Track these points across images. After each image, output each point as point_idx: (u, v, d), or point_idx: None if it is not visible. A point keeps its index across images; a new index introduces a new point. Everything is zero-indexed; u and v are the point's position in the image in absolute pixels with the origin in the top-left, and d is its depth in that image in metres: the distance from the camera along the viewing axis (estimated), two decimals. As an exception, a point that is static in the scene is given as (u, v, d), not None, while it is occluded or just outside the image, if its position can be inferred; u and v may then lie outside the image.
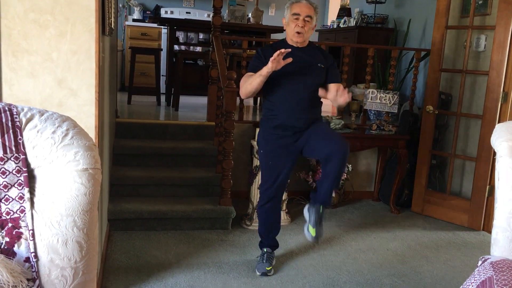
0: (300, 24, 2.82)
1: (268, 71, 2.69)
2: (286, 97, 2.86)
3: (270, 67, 2.67)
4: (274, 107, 2.91)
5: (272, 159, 2.93)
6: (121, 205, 3.55)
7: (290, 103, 2.85)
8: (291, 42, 2.91)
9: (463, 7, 4.31)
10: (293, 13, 2.84)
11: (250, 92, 2.85)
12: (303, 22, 2.82)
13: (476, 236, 3.89)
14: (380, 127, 4.36)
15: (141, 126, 4.31)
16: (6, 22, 2.15)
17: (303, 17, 2.82)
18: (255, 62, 2.90)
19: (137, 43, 6.87)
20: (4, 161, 1.44)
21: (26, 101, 2.20)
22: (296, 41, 2.87)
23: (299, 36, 2.84)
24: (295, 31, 2.83)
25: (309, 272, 3.07)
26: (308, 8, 2.84)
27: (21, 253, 1.45)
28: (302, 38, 2.86)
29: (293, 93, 2.85)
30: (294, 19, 2.83)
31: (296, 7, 2.84)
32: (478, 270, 1.71)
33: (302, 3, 2.86)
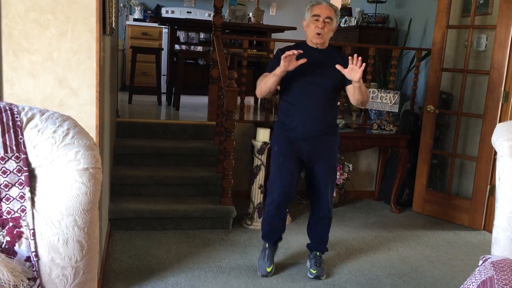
0: (320, 25, 2.81)
1: (281, 71, 2.70)
2: (302, 98, 2.85)
3: (283, 67, 2.68)
4: (288, 109, 2.90)
5: (282, 156, 2.91)
6: (122, 205, 3.55)
7: (306, 104, 2.84)
8: (311, 43, 2.90)
9: (464, 7, 4.31)
10: (313, 14, 2.83)
11: (265, 91, 2.86)
12: (323, 23, 2.81)
13: (476, 236, 3.89)
14: (381, 127, 4.36)
15: (142, 125, 4.31)
16: (7, 21, 2.15)
17: (323, 19, 2.81)
18: (272, 63, 2.90)
19: (138, 42, 6.87)
20: (5, 160, 1.45)
21: (27, 101, 2.21)
22: (316, 42, 2.86)
23: (319, 37, 2.83)
24: (315, 32, 2.83)
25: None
26: (328, 9, 2.83)
27: (22, 252, 1.46)
28: (322, 39, 2.85)
29: (309, 94, 2.84)
30: (314, 20, 2.83)
31: (317, 9, 2.84)
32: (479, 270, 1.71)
33: (322, 4, 2.86)
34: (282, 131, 2.94)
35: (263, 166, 3.76)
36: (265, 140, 3.75)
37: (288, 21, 7.05)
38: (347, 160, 4.45)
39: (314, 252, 3.08)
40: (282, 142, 2.93)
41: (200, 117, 4.79)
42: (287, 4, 8.13)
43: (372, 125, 4.40)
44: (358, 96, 2.82)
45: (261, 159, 3.77)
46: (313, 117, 2.85)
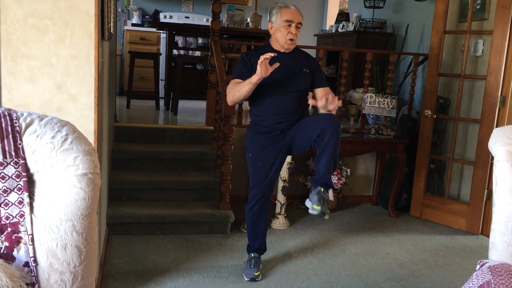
0: (293, 31, 2.82)
1: (258, 78, 2.64)
2: (272, 103, 2.86)
3: (260, 74, 2.62)
4: (261, 113, 2.91)
5: (260, 160, 2.94)
6: (120, 209, 3.55)
7: (277, 108, 2.86)
8: (279, 47, 2.91)
9: (461, 12, 4.33)
10: (285, 19, 2.83)
11: (238, 99, 2.84)
12: (296, 29, 2.83)
13: (474, 240, 3.89)
14: (379, 131, 4.37)
15: (140, 130, 4.32)
16: (6, 27, 2.16)
17: (295, 24, 2.83)
18: (240, 68, 2.87)
19: (136, 47, 6.88)
20: (4, 166, 1.45)
21: (26, 106, 2.21)
22: (287, 48, 2.88)
23: (291, 43, 2.85)
24: (288, 38, 2.83)
25: (307, 276, 3.07)
26: (298, 14, 2.86)
27: (21, 257, 1.46)
28: (294, 45, 2.88)
29: (279, 98, 2.86)
30: (286, 26, 2.83)
31: (288, 14, 2.83)
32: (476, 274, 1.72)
33: (291, 8, 2.86)
34: (255, 135, 2.95)
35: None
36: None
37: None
38: (345, 164, 4.46)
39: (318, 187, 2.74)
40: (256, 147, 2.95)
41: (198, 122, 4.79)
42: (285, 9, 8.14)
43: (370, 130, 4.41)
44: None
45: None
46: (285, 118, 2.87)
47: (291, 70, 2.87)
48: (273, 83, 2.81)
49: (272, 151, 2.91)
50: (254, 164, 2.97)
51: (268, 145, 2.91)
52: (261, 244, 3.12)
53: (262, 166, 2.94)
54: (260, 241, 3.11)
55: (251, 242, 3.12)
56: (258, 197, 2.98)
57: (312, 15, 8.18)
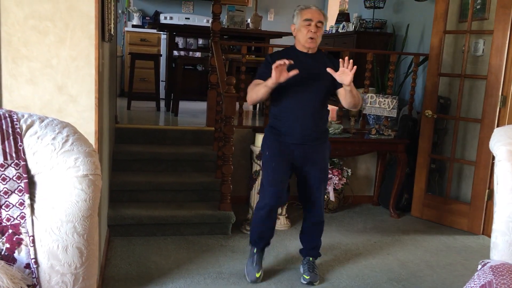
0: (313, 30, 2.80)
1: (273, 83, 2.66)
2: (293, 104, 2.84)
3: (274, 78, 2.64)
4: (280, 114, 2.89)
5: (276, 161, 2.90)
6: (121, 211, 3.55)
7: (297, 110, 2.83)
8: (302, 48, 2.88)
9: (461, 12, 4.33)
10: (305, 18, 2.81)
11: (256, 100, 2.88)
12: (316, 27, 2.81)
13: (475, 240, 3.89)
14: (379, 132, 4.37)
15: (141, 131, 4.32)
16: (6, 28, 2.16)
17: (315, 23, 2.80)
18: (263, 69, 2.87)
19: (136, 48, 6.88)
20: (5, 167, 1.45)
21: (26, 107, 2.21)
22: (308, 47, 2.85)
23: (312, 42, 2.83)
24: (307, 37, 2.81)
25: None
26: (319, 14, 2.83)
27: (22, 259, 1.46)
28: (314, 44, 2.85)
29: (301, 100, 2.83)
30: (306, 25, 2.81)
31: (308, 13, 2.82)
32: (478, 274, 1.72)
33: (312, 9, 2.85)
34: (273, 136, 2.93)
35: (262, 172, 3.76)
36: (264, 146, 3.75)
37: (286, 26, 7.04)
38: (345, 165, 4.46)
39: (307, 258, 3.08)
40: (273, 147, 2.92)
41: (198, 122, 4.79)
42: (285, 10, 8.16)
43: (371, 130, 4.41)
44: (350, 99, 2.81)
45: (260, 164, 3.77)
46: (305, 123, 2.84)
47: (314, 71, 2.84)
48: (295, 84, 2.79)
49: (288, 157, 2.89)
50: (269, 164, 2.93)
51: (282, 153, 2.89)
52: (266, 244, 3.09)
53: (277, 169, 2.90)
54: (265, 241, 3.08)
55: (256, 240, 3.05)
56: (266, 202, 2.91)
57: (312, 15, 8.17)
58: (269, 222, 3.00)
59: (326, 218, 3.15)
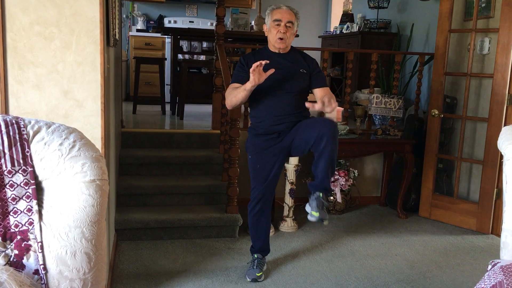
0: (282, 30, 2.81)
1: (252, 85, 2.67)
2: (270, 104, 2.86)
3: (253, 81, 2.65)
4: (259, 115, 2.91)
5: (259, 162, 2.94)
6: (128, 215, 3.55)
7: (274, 110, 2.86)
8: (273, 48, 2.91)
9: (466, 10, 4.31)
10: (274, 19, 2.84)
11: (235, 104, 2.87)
12: (285, 28, 2.82)
13: (485, 240, 3.86)
14: (386, 132, 4.35)
15: (147, 135, 4.32)
16: (12, 35, 2.17)
17: (284, 23, 2.82)
18: (239, 72, 2.89)
19: (141, 53, 6.90)
20: (12, 174, 1.45)
21: (33, 113, 2.22)
22: (278, 47, 2.87)
23: (281, 42, 2.84)
24: (277, 37, 2.83)
25: (317, 278, 3.06)
26: (289, 14, 2.84)
27: (30, 265, 1.46)
28: (284, 44, 2.86)
29: (277, 100, 2.85)
30: (275, 25, 2.83)
31: (277, 13, 2.84)
32: (488, 275, 1.70)
33: (282, 9, 2.86)
34: (254, 138, 2.95)
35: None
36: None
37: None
38: (352, 166, 4.45)
39: (316, 193, 2.78)
40: (255, 149, 2.95)
41: (204, 126, 4.79)
42: (288, 12, 8.14)
43: (377, 131, 4.39)
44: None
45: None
46: (284, 119, 2.86)
47: (287, 71, 2.86)
48: (270, 85, 2.80)
49: (271, 153, 2.92)
50: (253, 165, 2.98)
51: (267, 147, 2.91)
52: (263, 245, 3.11)
53: (262, 168, 2.94)
54: (263, 241, 3.10)
55: (254, 242, 3.12)
56: (259, 199, 2.99)
57: (316, 16, 8.18)
58: (263, 216, 3.03)
59: (333, 220, 3.13)
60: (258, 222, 3.06)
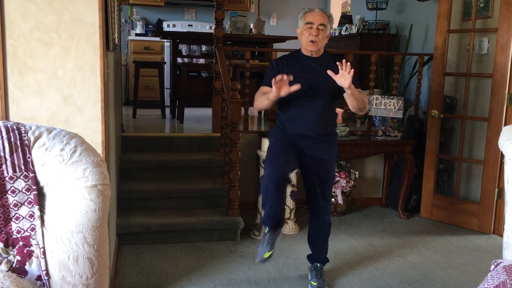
0: (314, 33, 2.77)
1: (274, 96, 2.65)
2: (298, 108, 2.82)
3: (275, 93, 2.62)
4: (286, 119, 2.88)
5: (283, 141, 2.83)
6: (129, 219, 3.55)
7: (303, 114, 2.82)
8: (305, 52, 2.87)
9: (465, 11, 4.32)
10: (306, 22, 2.80)
11: (262, 109, 2.93)
12: (317, 30, 2.78)
13: (487, 240, 3.86)
14: (386, 133, 4.35)
15: (147, 139, 4.32)
16: (12, 41, 2.17)
17: (316, 26, 2.78)
18: (269, 75, 2.85)
19: (140, 57, 6.91)
20: (14, 179, 1.45)
21: (33, 119, 2.22)
22: (310, 50, 2.82)
23: (313, 45, 2.80)
24: (309, 40, 2.79)
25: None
26: (321, 16, 2.80)
27: (33, 271, 1.46)
28: (317, 47, 2.81)
29: (306, 106, 2.81)
30: (307, 28, 2.79)
31: (310, 16, 2.80)
32: (491, 275, 1.70)
33: (315, 11, 2.83)
34: (280, 130, 2.92)
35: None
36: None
37: (289, 30, 7.08)
38: (353, 167, 4.45)
39: (314, 263, 3.05)
40: (279, 134, 2.88)
41: (204, 129, 4.80)
42: (287, 14, 8.17)
43: (377, 132, 4.39)
44: (353, 103, 2.75)
45: (267, 169, 3.76)
46: (312, 127, 2.83)
47: (318, 76, 2.79)
48: (299, 90, 2.71)
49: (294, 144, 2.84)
50: (273, 147, 2.82)
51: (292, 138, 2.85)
52: (276, 214, 2.80)
53: (280, 150, 2.79)
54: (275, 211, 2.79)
55: (266, 215, 2.83)
56: (271, 176, 2.69)
57: (314, 18, 8.18)
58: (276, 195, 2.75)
59: (334, 221, 3.14)
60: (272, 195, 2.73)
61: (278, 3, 8.16)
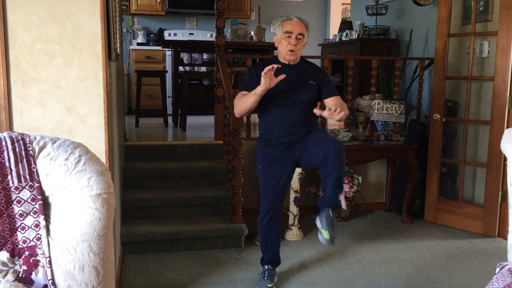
0: (293, 42, 2.83)
1: (262, 89, 2.69)
2: (279, 115, 2.87)
3: (264, 85, 2.67)
4: (268, 125, 2.93)
5: (269, 171, 2.93)
6: (133, 228, 3.55)
7: (283, 120, 2.87)
8: (283, 59, 2.92)
9: (464, 14, 4.33)
10: (285, 31, 2.85)
11: (245, 111, 2.87)
12: (296, 40, 2.83)
13: (491, 243, 3.85)
14: (388, 138, 4.35)
15: (150, 148, 4.34)
16: (15, 52, 2.19)
17: (295, 35, 2.83)
18: (248, 81, 2.91)
19: (142, 66, 6.94)
20: (19, 190, 1.46)
21: (37, 129, 2.24)
22: (288, 59, 2.89)
23: (292, 54, 2.86)
24: (287, 49, 2.85)
25: (324, 286, 3.05)
26: (300, 25, 2.85)
27: (39, 281, 1.46)
28: (295, 56, 2.88)
29: (286, 111, 2.86)
30: (286, 37, 2.84)
31: (288, 25, 2.85)
32: (496, 278, 1.70)
33: (293, 20, 2.87)
34: (264, 147, 2.96)
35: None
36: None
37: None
38: (356, 172, 4.44)
39: (325, 209, 2.79)
40: (265, 159, 2.95)
41: (207, 136, 4.81)
42: (287, 21, 8.19)
43: (379, 136, 4.40)
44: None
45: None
46: (294, 132, 2.87)
47: (296, 82, 2.87)
48: (279, 95, 2.82)
49: (281, 163, 2.91)
50: (263, 175, 2.98)
51: (276, 158, 2.91)
52: (274, 256, 3.10)
53: (272, 178, 2.93)
54: (273, 253, 3.09)
55: (264, 254, 3.11)
56: (268, 209, 2.96)
57: (315, 25, 8.22)
58: (274, 230, 3.01)
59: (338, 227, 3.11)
60: (268, 234, 3.03)
61: (279, 10, 8.19)
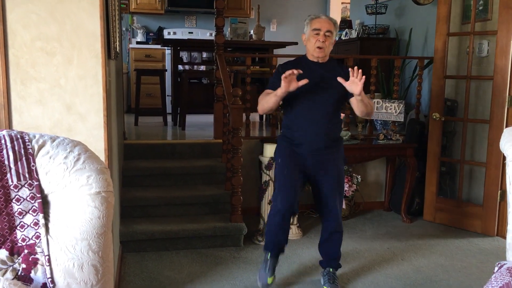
0: (321, 39, 2.81)
1: (282, 92, 2.70)
2: (304, 113, 2.85)
3: (284, 88, 2.68)
4: (292, 124, 2.91)
5: (288, 165, 2.89)
6: (132, 227, 3.55)
7: (309, 119, 2.84)
8: (311, 57, 2.90)
9: (464, 14, 4.33)
10: (313, 28, 2.83)
11: (267, 109, 2.89)
12: (324, 37, 2.81)
13: (490, 242, 3.85)
14: (387, 137, 4.36)
15: (149, 146, 4.34)
16: (14, 51, 2.19)
17: (323, 32, 2.81)
18: (274, 79, 2.90)
19: (141, 65, 6.93)
20: (18, 188, 1.46)
21: (36, 128, 2.23)
22: (317, 56, 2.86)
23: (320, 51, 2.83)
24: (316, 46, 2.83)
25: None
26: (328, 23, 2.84)
27: (38, 279, 1.46)
28: (323, 53, 2.85)
29: (312, 109, 2.84)
30: (314, 34, 2.83)
31: (316, 23, 2.84)
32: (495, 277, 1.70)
33: (322, 18, 2.86)
34: (285, 144, 2.94)
35: (271, 182, 3.76)
36: (272, 156, 3.75)
37: (289, 36, 7.11)
38: (355, 171, 4.45)
39: (327, 268, 3.05)
40: (286, 154, 2.92)
41: (206, 135, 4.81)
42: (287, 20, 8.21)
43: (379, 136, 4.40)
44: (362, 108, 2.82)
45: (269, 174, 3.77)
46: (317, 132, 2.85)
47: (324, 81, 2.84)
48: (305, 94, 2.80)
49: (298, 167, 2.88)
50: (281, 170, 2.91)
51: (295, 161, 2.88)
52: (280, 248, 2.98)
53: (289, 173, 2.87)
54: (279, 245, 2.97)
55: (270, 244, 2.97)
56: (279, 208, 2.84)
57: (314, 24, 8.21)
58: (283, 228, 2.93)
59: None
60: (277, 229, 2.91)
61: (278, 9, 8.19)
